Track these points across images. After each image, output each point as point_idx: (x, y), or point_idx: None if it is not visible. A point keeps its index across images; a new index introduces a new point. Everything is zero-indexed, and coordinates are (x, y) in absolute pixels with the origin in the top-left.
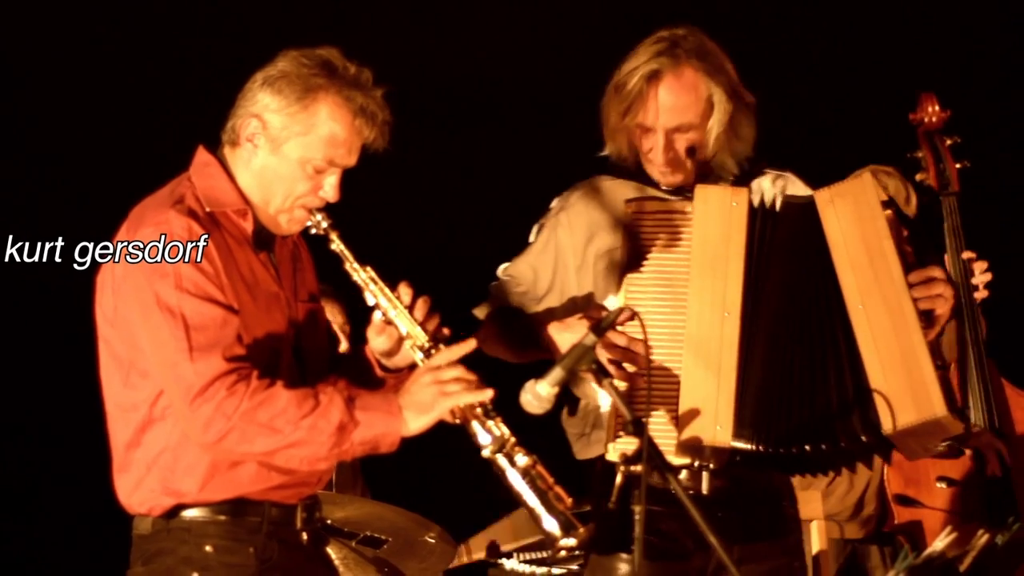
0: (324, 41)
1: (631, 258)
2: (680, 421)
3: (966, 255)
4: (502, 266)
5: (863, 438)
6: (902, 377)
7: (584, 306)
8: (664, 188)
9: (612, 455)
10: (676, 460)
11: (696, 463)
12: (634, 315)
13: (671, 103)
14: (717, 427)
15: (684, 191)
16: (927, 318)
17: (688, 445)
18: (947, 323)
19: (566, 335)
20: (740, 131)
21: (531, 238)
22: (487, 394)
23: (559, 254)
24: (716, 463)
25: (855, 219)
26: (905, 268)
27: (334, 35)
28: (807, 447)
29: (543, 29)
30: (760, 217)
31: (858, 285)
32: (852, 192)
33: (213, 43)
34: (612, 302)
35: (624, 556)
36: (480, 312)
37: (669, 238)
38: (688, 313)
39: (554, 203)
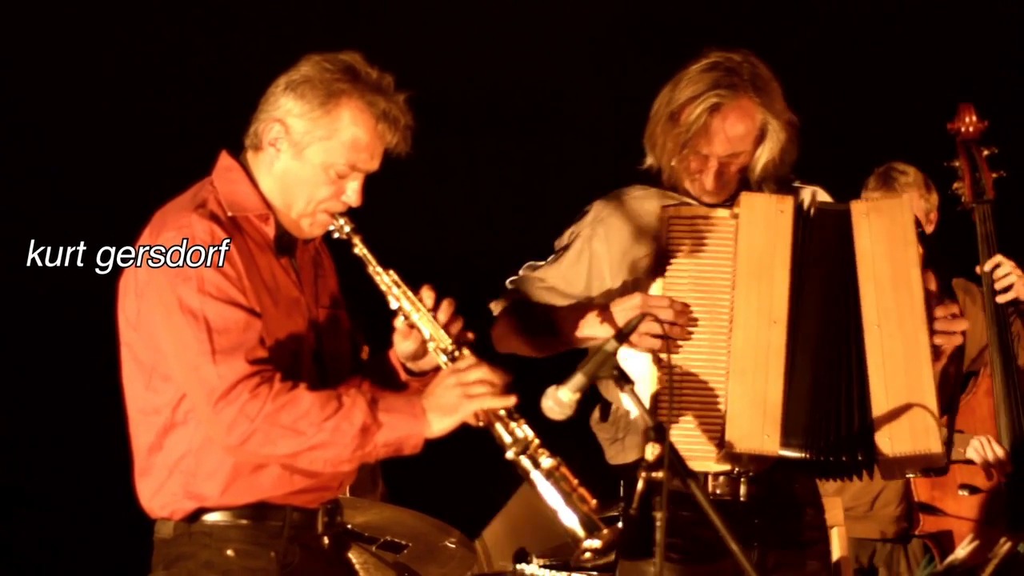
0: (345, 46)
1: (667, 265)
2: (727, 428)
3: (992, 262)
4: (527, 266)
5: (859, 456)
6: (905, 406)
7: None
8: (702, 202)
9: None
10: (715, 467)
11: (736, 470)
12: (657, 322)
13: (729, 134)
14: (765, 436)
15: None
16: (936, 352)
17: (731, 453)
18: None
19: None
20: (786, 156)
21: (562, 244)
22: (510, 400)
23: (593, 264)
24: (754, 469)
25: (887, 238)
26: (927, 300)
27: (356, 40)
28: (844, 458)
29: (566, 35)
30: (803, 224)
31: (878, 304)
32: (889, 211)
33: (235, 48)
34: None
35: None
36: (496, 307)
37: (707, 245)
38: (735, 321)
39: (589, 213)
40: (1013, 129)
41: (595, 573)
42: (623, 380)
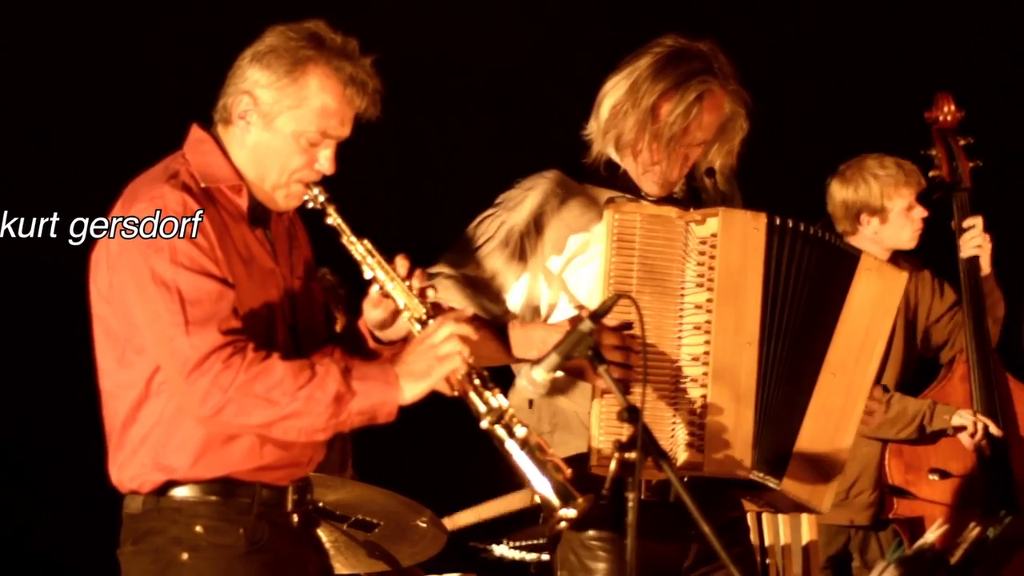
0: (315, 16)
1: (615, 264)
2: (706, 448)
3: (970, 221)
4: (445, 263)
5: (769, 480)
6: (817, 457)
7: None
8: (646, 196)
9: (601, 445)
10: (657, 475)
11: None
12: (632, 302)
13: (704, 125)
14: (739, 459)
15: (669, 199)
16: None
17: (699, 470)
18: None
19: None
20: (740, 148)
21: (486, 233)
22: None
23: (527, 258)
24: (689, 476)
25: (875, 301)
26: (877, 376)
27: (324, 13)
28: (759, 476)
29: (541, 12)
30: (782, 236)
31: (843, 355)
32: (889, 279)
33: (206, 18)
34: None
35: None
36: None
37: (658, 246)
38: (713, 341)
39: (511, 203)
40: (989, 119)
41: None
42: (598, 360)
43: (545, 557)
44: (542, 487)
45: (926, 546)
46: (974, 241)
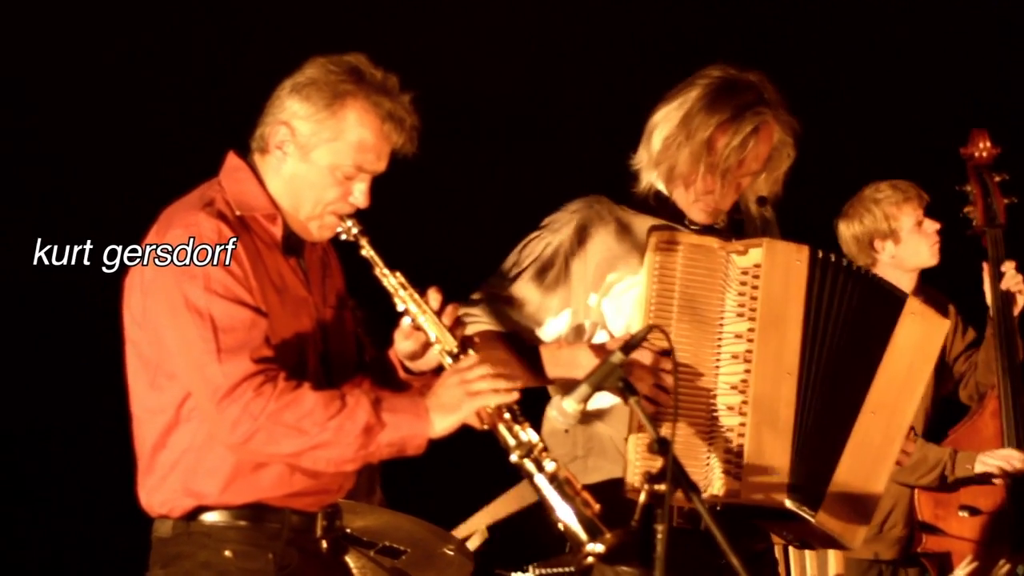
0: (350, 48)
1: (656, 292)
2: (744, 475)
3: (1007, 265)
4: (490, 285)
5: (803, 510)
6: (853, 493)
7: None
8: (690, 225)
9: (633, 478)
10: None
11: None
12: (663, 333)
13: (759, 157)
14: (775, 488)
15: (711, 228)
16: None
17: (736, 497)
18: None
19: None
20: (782, 176)
21: (532, 256)
22: (513, 396)
23: (573, 282)
24: (722, 504)
25: (917, 345)
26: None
27: (361, 43)
28: (793, 505)
29: (565, 41)
30: (824, 269)
31: (883, 396)
32: (931, 323)
33: (243, 49)
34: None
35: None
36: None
37: (699, 275)
38: (754, 370)
39: (565, 227)
40: None
41: None
42: (628, 391)
43: None
44: (570, 521)
45: None
46: (1013, 279)
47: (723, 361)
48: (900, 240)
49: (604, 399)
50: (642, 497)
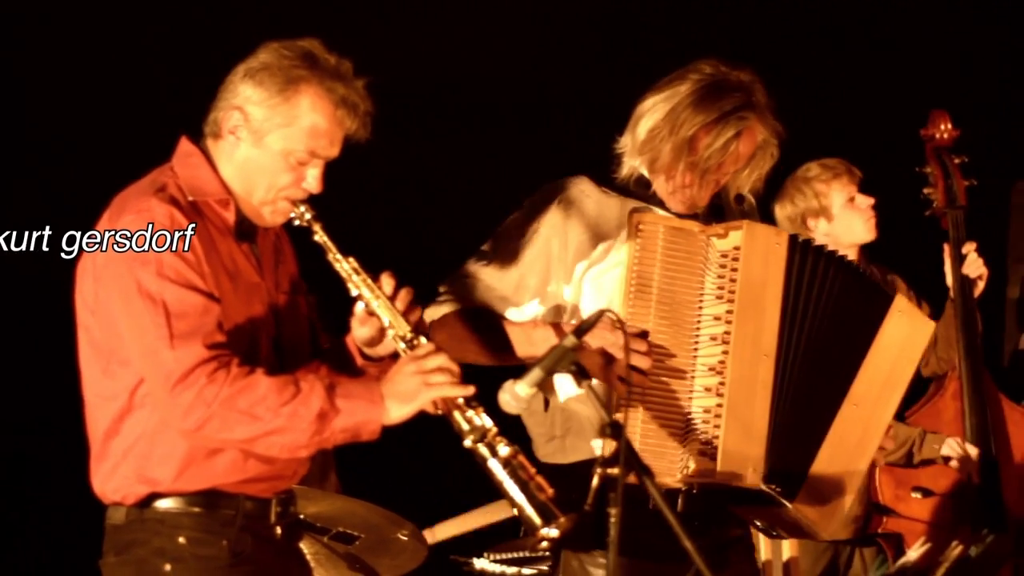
0: (309, 34)
1: (633, 274)
2: (719, 458)
3: (968, 246)
4: (471, 263)
5: (780, 495)
6: (830, 483)
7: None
8: (671, 210)
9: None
10: (670, 484)
11: (686, 487)
12: (617, 319)
13: (740, 156)
14: (751, 470)
15: (692, 215)
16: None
17: (709, 479)
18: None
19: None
20: (764, 174)
21: (508, 236)
22: (469, 389)
23: (549, 267)
24: (699, 487)
25: (902, 343)
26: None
27: (319, 29)
28: (773, 489)
29: (526, 27)
30: (804, 253)
31: (866, 390)
32: (917, 323)
33: (197, 34)
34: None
35: (600, 557)
36: (436, 312)
37: (679, 258)
38: (731, 352)
39: (545, 209)
40: (984, 138)
41: (544, 567)
42: (581, 375)
43: (526, 571)
44: (524, 506)
45: (908, 564)
46: (973, 264)
47: (701, 343)
48: (832, 217)
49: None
50: (595, 481)
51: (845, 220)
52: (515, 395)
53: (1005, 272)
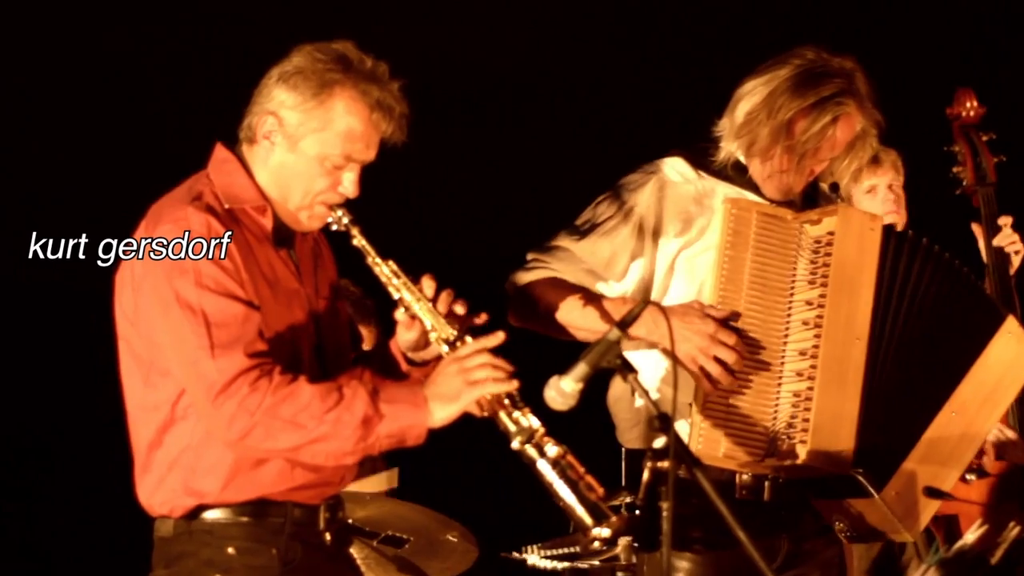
0: (340, 35)
1: (725, 258)
2: (811, 437)
3: (1004, 219)
4: (562, 239)
5: (870, 484)
6: (920, 483)
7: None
8: (766, 196)
9: (697, 445)
10: (756, 470)
11: (772, 474)
12: (660, 309)
13: (837, 143)
14: (841, 452)
15: (787, 202)
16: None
17: (799, 462)
18: None
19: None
20: (864, 165)
21: (605, 214)
22: (513, 384)
23: (643, 240)
24: (785, 476)
25: (1009, 364)
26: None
27: (350, 30)
28: (860, 480)
29: (560, 19)
30: (900, 241)
31: (966, 401)
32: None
33: (235, 39)
34: (699, 299)
35: (684, 555)
36: (526, 277)
37: (770, 243)
38: (824, 333)
39: (641, 188)
40: (1011, 115)
41: (596, 562)
42: (627, 369)
43: (578, 565)
44: (575, 506)
45: (966, 547)
46: (1009, 238)
47: (793, 327)
48: (852, 203)
49: (663, 363)
50: (645, 475)
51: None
52: (560, 391)
53: None
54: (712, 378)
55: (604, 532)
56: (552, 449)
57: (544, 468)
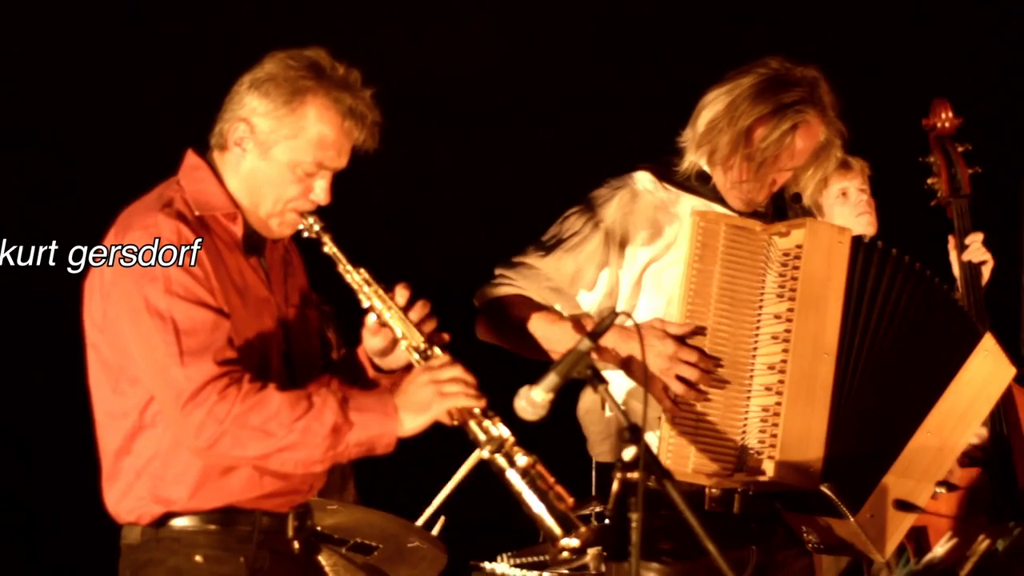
0: (313, 41)
1: (693, 272)
2: (779, 454)
3: (973, 236)
4: (528, 255)
5: (844, 503)
6: (893, 505)
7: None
8: (730, 206)
9: (666, 458)
10: (725, 484)
11: (741, 488)
12: (630, 318)
13: (797, 152)
14: (808, 470)
15: (755, 213)
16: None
17: (766, 479)
18: None
19: (633, 345)
20: (829, 176)
21: (571, 230)
22: (483, 400)
23: (611, 257)
24: (755, 490)
25: (983, 382)
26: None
27: (323, 36)
28: (835, 498)
29: (535, 30)
30: (868, 254)
31: (941, 422)
32: (999, 366)
33: (202, 46)
34: (666, 314)
35: (652, 565)
36: (489, 293)
37: (740, 256)
38: (792, 349)
39: (607, 203)
40: (985, 126)
41: (565, 571)
42: (597, 380)
43: (546, 575)
44: (544, 516)
45: (936, 560)
46: (975, 253)
47: (761, 341)
48: (822, 211)
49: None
50: (615, 485)
51: (835, 214)
52: (531, 401)
53: (1019, 260)
54: (674, 397)
55: (573, 542)
56: (522, 459)
57: (513, 478)
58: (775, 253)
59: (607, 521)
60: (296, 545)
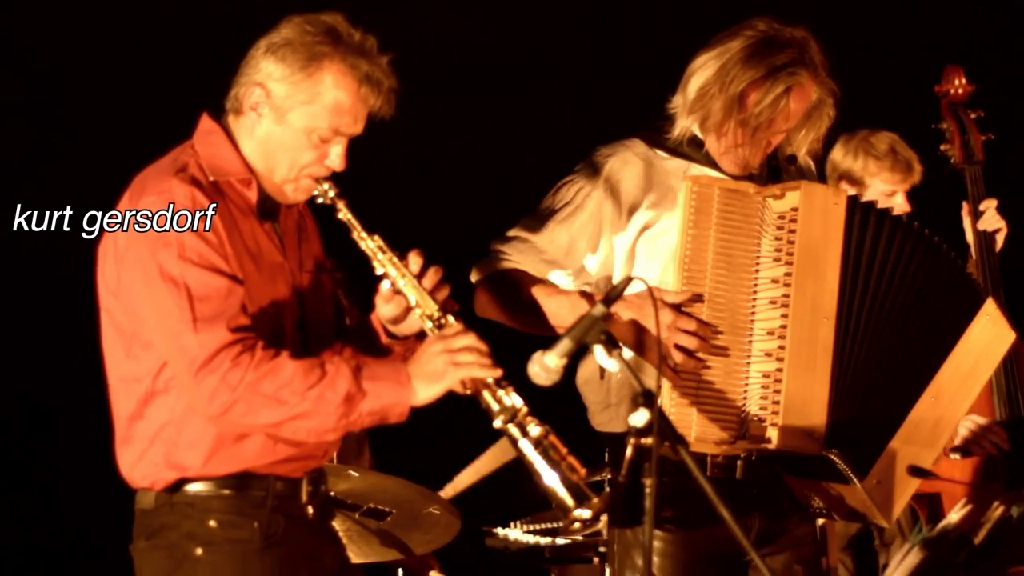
0: (330, 7)
1: (688, 237)
2: (782, 419)
3: (987, 203)
4: (521, 228)
5: (851, 467)
6: (899, 470)
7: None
8: (724, 171)
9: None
10: (725, 450)
11: (744, 453)
12: (646, 284)
13: (791, 115)
14: (811, 435)
15: (749, 176)
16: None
17: (769, 445)
18: None
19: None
20: (822, 135)
21: (563, 199)
22: (497, 371)
23: (604, 226)
24: (757, 455)
25: (985, 346)
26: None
27: (340, 2)
28: (841, 464)
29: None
30: (865, 214)
31: (945, 385)
32: (1000, 330)
33: (218, 9)
34: (662, 281)
35: (657, 532)
36: (485, 269)
37: (735, 220)
38: (791, 314)
39: (599, 169)
40: (999, 92)
41: (578, 538)
42: (611, 345)
43: (559, 541)
44: (556, 487)
45: (950, 526)
46: (989, 221)
47: (759, 306)
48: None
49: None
50: (628, 451)
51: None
52: (544, 366)
53: None
54: (674, 367)
55: (585, 513)
56: (535, 429)
57: (526, 447)
58: (770, 216)
59: (607, 489)
60: (310, 510)
